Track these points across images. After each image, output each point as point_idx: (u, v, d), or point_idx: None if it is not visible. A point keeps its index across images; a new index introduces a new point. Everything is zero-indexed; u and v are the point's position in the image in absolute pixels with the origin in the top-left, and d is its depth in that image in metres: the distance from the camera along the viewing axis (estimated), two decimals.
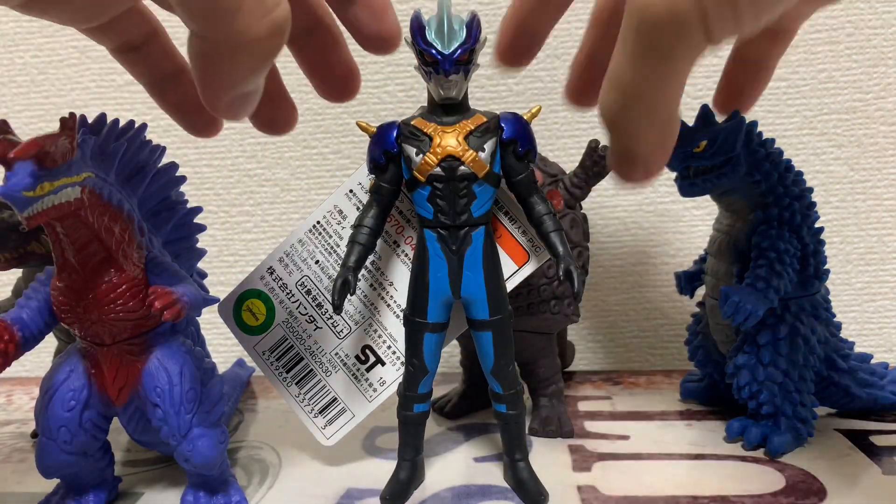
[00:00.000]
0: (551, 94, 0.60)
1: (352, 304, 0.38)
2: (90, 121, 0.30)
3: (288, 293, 0.39)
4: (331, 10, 0.34)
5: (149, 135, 0.34)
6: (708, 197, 0.41)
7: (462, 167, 0.32)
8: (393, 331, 0.38)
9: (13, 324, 0.31)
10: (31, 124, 0.63)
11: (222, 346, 0.62)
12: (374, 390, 0.38)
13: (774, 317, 0.39)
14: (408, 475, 0.36)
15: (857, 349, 0.44)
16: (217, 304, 0.38)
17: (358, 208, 0.38)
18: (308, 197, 0.62)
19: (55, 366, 0.34)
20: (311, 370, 0.38)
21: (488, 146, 0.32)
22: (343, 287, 0.33)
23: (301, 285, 0.38)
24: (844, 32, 0.57)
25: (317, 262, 0.38)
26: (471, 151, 0.32)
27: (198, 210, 0.38)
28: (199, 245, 0.39)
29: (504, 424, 0.36)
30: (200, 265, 0.40)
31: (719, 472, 0.37)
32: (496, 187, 0.33)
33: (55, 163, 0.27)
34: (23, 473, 0.40)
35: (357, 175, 0.38)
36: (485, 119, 0.33)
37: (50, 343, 0.39)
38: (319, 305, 0.38)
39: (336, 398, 0.38)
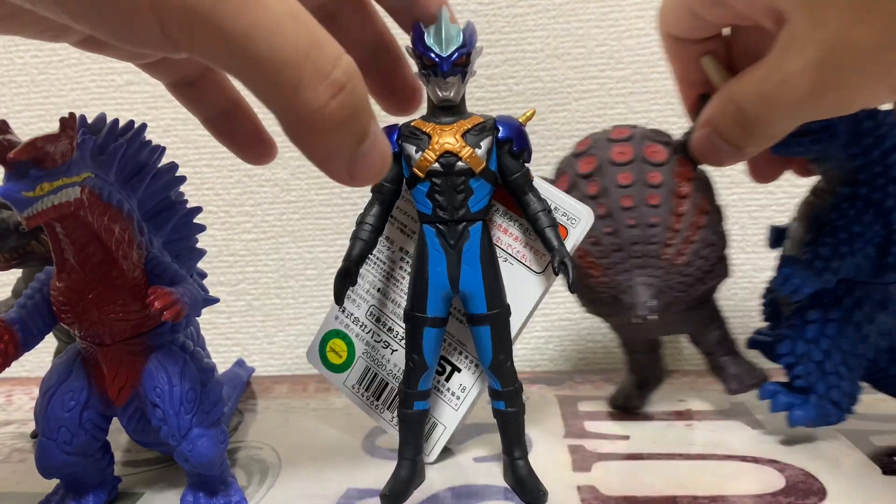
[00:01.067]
0: (551, 94, 0.60)
1: None
2: (90, 121, 0.30)
3: (361, 325, 0.40)
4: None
5: (149, 135, 0.34)
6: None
7: (459, 163, 0.33)
8: (459, 336, 0.39)
9: (13, 324, 0.31)
10: (31, 124, 0.63)
11: (222, 346, 0.62)
12: (458, 398, 0.39)
13: (833, 297, 0.38)
14: (408, 474, 0.36)
15: None
16: (306, 352, 0.42)
17: (401, 230, 0.40)
18: (308, 197, 0.62)
19: (55, 366, 0.34)
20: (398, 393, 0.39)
21: (484, 144, 0.34)
22: (345, 278, 0.34)
23: (370, 315, 0.40)
24: None
25: (378, 290, 0.40)
26: (468, 148, 0.33)
27: (198, 210, 0.38)
28: (199, 245, 0.39)
29: (503, 422, 0.36)
30: (200, 265, 0.40)
31: (719, 472, 0.37)
32: (493, 184, 0.35)
33: (55, 163, 0.27)
34: (23, 473, 0.40)
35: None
36: (481, 120, 0.34)
37: (50, 343, 0.39)
38: (390, 329, 0.40)
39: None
